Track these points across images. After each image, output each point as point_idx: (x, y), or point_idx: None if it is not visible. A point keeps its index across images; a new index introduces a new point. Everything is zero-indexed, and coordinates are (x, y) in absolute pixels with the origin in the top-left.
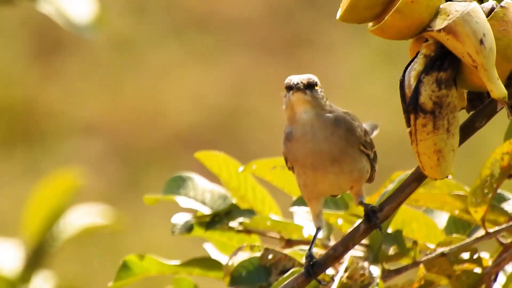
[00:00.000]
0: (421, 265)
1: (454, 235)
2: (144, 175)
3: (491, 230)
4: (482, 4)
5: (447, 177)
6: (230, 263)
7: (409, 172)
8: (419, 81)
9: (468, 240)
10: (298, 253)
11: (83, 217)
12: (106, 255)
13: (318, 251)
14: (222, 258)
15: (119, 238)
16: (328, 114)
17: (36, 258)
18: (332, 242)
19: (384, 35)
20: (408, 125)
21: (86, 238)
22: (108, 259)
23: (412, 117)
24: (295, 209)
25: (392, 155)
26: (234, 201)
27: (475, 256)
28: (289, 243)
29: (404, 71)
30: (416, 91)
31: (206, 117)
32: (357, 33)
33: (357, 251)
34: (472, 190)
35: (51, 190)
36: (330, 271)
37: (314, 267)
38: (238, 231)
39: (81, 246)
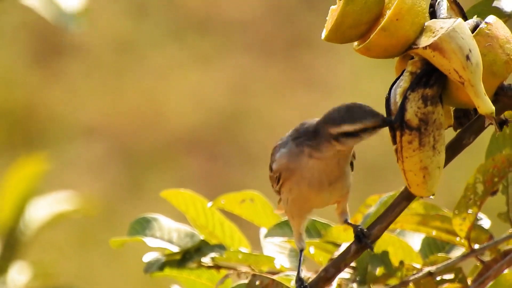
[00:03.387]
0: (411, 284)
1: (439, 254)
2: (145, 177)
3: (476, 246)
4: (467, 21)
5: (433, 195)
6: None
7: (388, 194)
8: (405, 98)
9: (454, 258)
10: (286, 278)
11: (51, 204)
12: (110, 259)
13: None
14: None
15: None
16: None
17: (11, 248)
18: (304, 272)
19: (369, 53)
20: (394, 142)
21: (86, 238)
22: (111, 262)
23: (398, 134)
24: (269, 240)
25: (391, 157)
26: (202, 238)
27: (460, 276)
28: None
29: (390, 89)
30: (402, 107)
31: (207, 118)
32: None
33: (344, 273)
34: (457, 208)
35: (18, 178)
36: None
37: None
38: (209, 267)
39: (82, 245)
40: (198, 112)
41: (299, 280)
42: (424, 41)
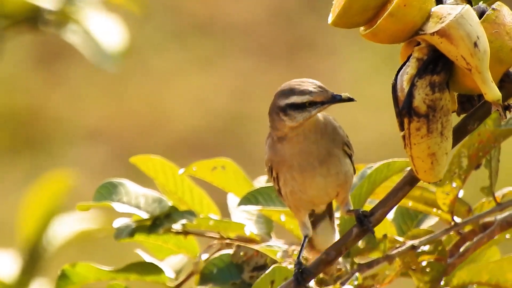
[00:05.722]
0: (397, 259)
1: (422, 228)
2: (147, 180)
3: (455, 218)
4: (473, 6)
5: (439, 180)
6: (199, 261)
7: (372, 166)
8: (412, 85)
9: (437, 232)
10: (271, 250)
11: (76, 222)
12: (110, 261)
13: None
14: (158, 261)
15: (124, 243)
16: (320, 118)
17: (32, 264)
18: (273, 239)
19: (376, 39)
20: (402, 129)
21: (87, 242)
22: (111, 264)
23: (406, 120)
24: (242, 209)
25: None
26: (170, 203)
27: (440, 248)
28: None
29: (396, 75)
30: (410, 94)
31: (209, 121)
32: (358, 36)
33: None
34: (441, 182)
35: (43, 193)
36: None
37: (303, 274)
38: (177, 233)
39: (83, 252)
40: (200, 116)
41: (298, 264)
42: (431, 27)
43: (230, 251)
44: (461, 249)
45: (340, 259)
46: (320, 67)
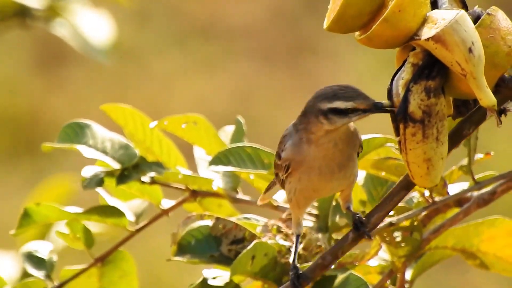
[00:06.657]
0: (376, 236)
1: (400, 204)
2: None
3: (437, 199)
4: (468, 11)
5: (436, 185)
6: (177, 232)
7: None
8: (407, 90)
9: (416, 210)
10: (250, 224)
11: None
12: None
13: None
14: (119, 204)
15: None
16: (350, 126)
17: None
18: (240, 194)
19: (371, 44)
20: (397, 134)
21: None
22: None
23: (401, 126)
24: (213, 168)
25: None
26: (137, 152)
27: (415, 223)
28: (194, 193)
29: (392, 80)
30: (405, 100)
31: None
32: None
33: (308, 221)
34: None
35: (45, 198)
36: (285, 242)
37: (300, 279)
38: (143, 182)
39: (84, 255)
40: None
41: (294, 268)
42: (426, 32)
43: (209, 222)
44: (436, 225)
45: (320, 236)
46: (321, 70)
